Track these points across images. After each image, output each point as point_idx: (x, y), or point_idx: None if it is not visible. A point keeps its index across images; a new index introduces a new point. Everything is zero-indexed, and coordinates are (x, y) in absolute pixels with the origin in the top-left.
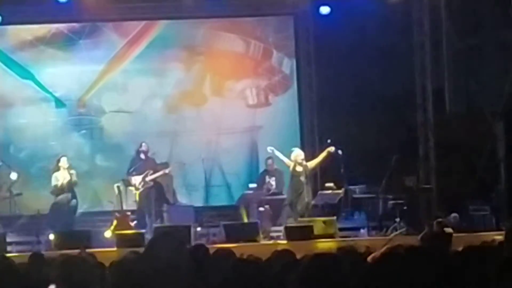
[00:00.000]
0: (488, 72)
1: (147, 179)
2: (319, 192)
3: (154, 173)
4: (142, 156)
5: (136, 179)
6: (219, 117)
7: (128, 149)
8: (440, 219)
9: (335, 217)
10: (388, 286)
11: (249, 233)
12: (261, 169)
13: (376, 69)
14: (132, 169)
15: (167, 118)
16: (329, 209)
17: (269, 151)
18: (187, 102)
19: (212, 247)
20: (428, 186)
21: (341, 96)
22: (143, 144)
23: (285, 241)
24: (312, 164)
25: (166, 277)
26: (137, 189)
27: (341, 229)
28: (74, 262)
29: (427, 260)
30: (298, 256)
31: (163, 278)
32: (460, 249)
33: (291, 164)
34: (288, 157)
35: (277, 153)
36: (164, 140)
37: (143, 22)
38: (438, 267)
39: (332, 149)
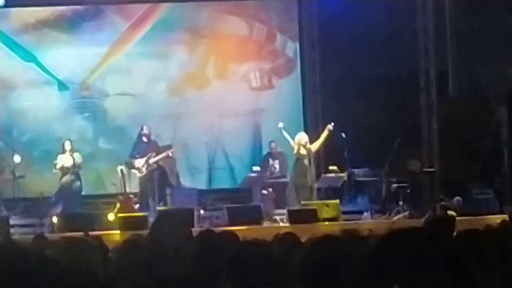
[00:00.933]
0: (492, 55)
1: (150, 161)
2: (323, 175)
3: (157, 155)
4: (145, 139)
5: (139, 162)
6: (223, 99)
7: (131, 132)
8: (443, 203)
9: (338, 200)
10: (390, 268)
11: (252, 216)
12: (264, 152)
13: (380, 52)
14: (135, 152)
15: (170, 100)
16: (333, 192)
17: (280, 125)
18: (191, 85)
19: (216, 230)
20: (432, 169)
21: (344, 79)
22: (145, 126)
23: (288, 224)
24: (315, 146)
25: (170, 259)
26: (140, 172)
27: (344, 212)
28: (77, 244)
29: (430, 242)
30: (302, 240)
31: (167, 259)
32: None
33: (295, 147)
34: (293, 139)
35: (285, 133)
36: (167, 122)
37: (147, 5)
38: (441, 250)
39: (330, 126)
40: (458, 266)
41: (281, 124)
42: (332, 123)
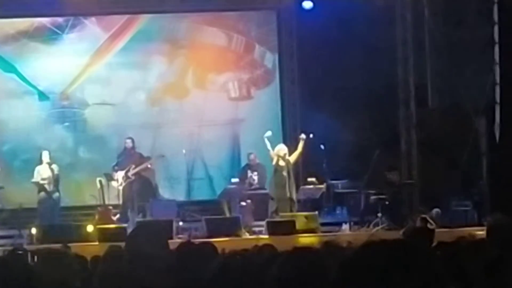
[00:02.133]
0: (470, 67)
1: (129, 173)
2: (301, 187)
3: (136, 167)
4: (126, 151)
5: (119, 174)
6: (202, 109)
7: (111, 141)
8: (422, 214)
9: (317, 212)
10: (367, 279)
11: (231, 227)
12: (243, 162)
13: (359, 64)
14: (115, 164)
15: (150, 110)
16: (311, 204)
17: (267, 134)
18: (170, 95)
19: (195, 242)
20: (410, 181)
21: (323, 90)
22: (127, 140)
23: (267, 236)
24: (293, 157)
25: (146, 271)
26: (119, 183)
27: (323, 224)
28: (56, 255)
29: (408, 253)
30: (280, 251)
31: (143, 271)
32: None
33: (274, 158)
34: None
35: (267, 143)
36: (147, 132)
37: (126, 16)
38: (419, 261)
39: (303, 136)
40: (435, 277)
41: (269, 133)
42: (303, 134)
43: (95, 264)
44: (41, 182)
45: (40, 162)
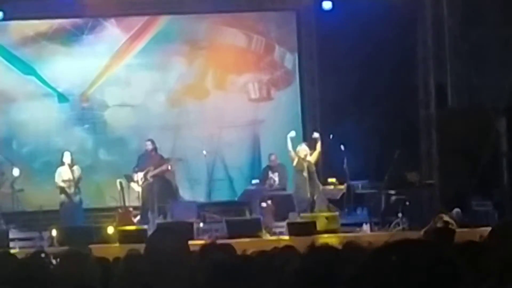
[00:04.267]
0: (490, 67)
1: (148, 175)
2: (322, 187)
3: (154, 169)
4: (147, 153)
5: (139, 176)
6: (222, 110)
7: (131, 143)
8: (443, 215)
9: (337, 213)
10: (387, 278)
11: (251, 228)
12: (264, 163)
13: (378, 64)
14: (135, 166)
15: (170, 112)
16: (332, 204)
17: (291, 135)
18: (190, 96)
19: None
20: (431, 181)
21: (343, 91)
22: (147, 142)
23: (287, 237)
24: (313, 158)
25: (166, 273)
26: (139, 185)
27: (343, 225)
28: (77, 257)
29: (429, 253)
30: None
31: (164, 274)
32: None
33: (295, 159)
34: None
35: (289, 144)
36: (167, 133)
37: (146, 17)
38: (440, 261)
39: (315, 134)
40: (456, 277)
41: (293, 133)
42: (315, 132)
43: (116, 265)
44: (62, 184)
45: (61, 164)
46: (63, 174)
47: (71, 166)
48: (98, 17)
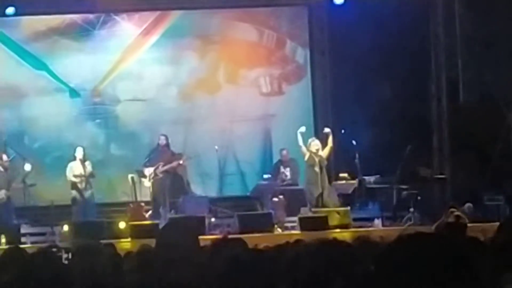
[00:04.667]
0: (502, 62)
1: (158, 171)
2: (333, 182)
3: (166, 164)
4: (160, 148)
5: (149, 170)
6: (233, 105)
7: (143, 138)
8: (454, 209)
9: (349, 208)
10: (400, 272)
11: (263, 223)
12: (275, 158)
13: (390, 59)
14: (147, 160)
15: (181, 106)
16: (344, 199)
17: (301, 130)
18: (201, 90)
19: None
20: (442, 176)
21: (354, 86)
22: (161, 137)
23: (299, 232)
24: (325, 152)
25: (177, 268)
26: (150, 180)
27: (355, 220)
28: (91, 251)
29: (441, 248)
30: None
31: (174, 268)
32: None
33: (306, 154)
34: (305, 147)
35: (300, 138)
36: (178, 128)
37: (157, 12)
38: (453, 256)
39: (327, 130)
40: (469, 271)
41: (303, 129)
42: (326, 128)
43: (128, 260)
44: (73, 179)
45: (73, 159)
46: (75, 169)
47: (83, 161)
48: (110, 12)
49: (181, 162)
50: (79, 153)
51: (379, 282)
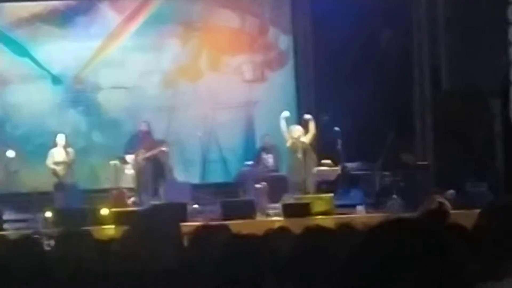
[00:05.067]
0: (486, 49)
1: (139, 158)
2: (316, 168)
3: (147, 151)
4: (140, 134)
5: (131, 157)
6: (216, 92)
7: (125, 125)
8: (437, 196)
9: (332, 194)
10: (381, 258)
11: (246, 210)
12: (258, 145)
13: (373, 46)
14: (128, 147)
15: (164, 93)
16: (326, 186)
17: (285, 115)
18: (184, 77)
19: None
20: (425, 163)
21: (338, 72)
22: (143, 123)
23: (282, 218)
24: (307, 138)
25: (159, 253)
26: (133, 166)
27: (338, 206)
28: (74, 238)
29: (424, 233)
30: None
31: (156, 255)
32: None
33: (289, 140)
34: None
35: (283, 124)
36: (161, 115)
37: None
38: (435, 242)
39: (306, 116)
40: (450, 258)
41: (286, 114)
42: (306, 114)
43: (112, 246)
44: (54, 166)
45: (54, 145)
46: (56, 156)
47: (65, 148)
48: None
49: (163, 149)
50: (60, 139)
51: (361, 268)
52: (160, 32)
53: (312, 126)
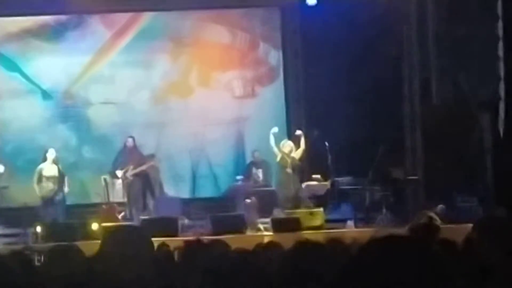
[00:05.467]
0: (475, 62)
1: (128, 173)
2: (306, 183)
3: (137, 167)
4: (127, 150)
5: (121, 173)
6: (206, 108)
7: (115, 141)
8: (427, 211)
9: (322, 209)
10: (372, 274)
11: (235, 225)
12: (248, 160)
13: (363, 60)
14: (117, 163)
15: (154, 109)
16: (316, 200)
17: (274, 130)
18: (174, 93)
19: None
20: (415, 177)
21: (328, 87)
22: (129, 139)
23: (271, 233)
24: (298, 154)
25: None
26: (123, 181)
27: (328, 221)
28: (64, 252)
29: (414, 250)
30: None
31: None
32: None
33: (279, 155)
34: (278, 148)
35: (272, 139)
36: (151, 131)
37: (130, 14)
38: (425, 258)
39: (298, 132)
40: (440, 273)
41: (275, 129)
42: (298, 130)
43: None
44: (42, 180)
45: (44, 160)
46: (46, 171)
47: (54, 162)
48: (82, 14)
49: (152, 163)
50: (51, 154)
51: (351, 284)
52: (150, 48)
53: (302, 141)
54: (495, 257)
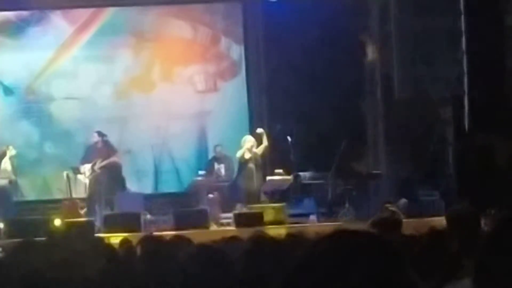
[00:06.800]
0: (436, 57)
1: (95, 167)
2: (268, 178)
3: (103, 161)
4: (94, 145)
5: (86, 167)
6: (168, 103)
7: (77, 136)
8: (389, 205)
9: (284, 204)
10: (331, 269)
11: (198, 220)
12: (211, 155)
13: (325, 55)
14: (83, 158)
15: (116, 104)
16: (279, 195)
17: (259, 131)
18: (136, 88)
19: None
20: (377, 171)
21: (290, 82)
22: (95, 134)
23: (234, 228)
24: (260, 150)
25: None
26: (86, 177)
27: (290, 215)
28: (27, 248)
29: (376, 245)
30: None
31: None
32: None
33: (241, 151)
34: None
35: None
36: (113, 126)
37: (92, 9)
38: (387, 253)
39: (259, 130)
40: (402, 269)
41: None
42: (259, 128)
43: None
44: (2, 176)
45: (3, 156)
46: (3, 166)
47: (11, 158)
48: (44, 9)
49: (115, 158)
50: (9, 150)
51: (309, 279)
52: (112, 43)
53: (264, 139)
54: (461, 249)
